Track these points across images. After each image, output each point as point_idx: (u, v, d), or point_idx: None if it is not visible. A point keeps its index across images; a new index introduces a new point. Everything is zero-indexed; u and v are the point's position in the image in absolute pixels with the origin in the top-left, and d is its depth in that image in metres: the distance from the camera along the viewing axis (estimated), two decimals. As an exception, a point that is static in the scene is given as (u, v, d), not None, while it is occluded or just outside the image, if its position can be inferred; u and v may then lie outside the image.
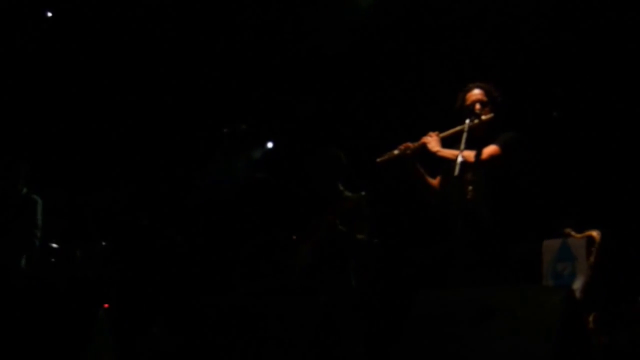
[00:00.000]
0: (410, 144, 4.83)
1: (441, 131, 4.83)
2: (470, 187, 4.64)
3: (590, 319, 5.03)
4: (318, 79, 7.03)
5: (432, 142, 4.78)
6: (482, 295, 3.76)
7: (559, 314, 3.51)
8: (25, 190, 6.12)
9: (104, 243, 6.61)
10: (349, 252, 5.31)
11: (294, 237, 5.43)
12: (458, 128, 4.72)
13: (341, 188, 5.51)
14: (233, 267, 6.32)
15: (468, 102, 4.83)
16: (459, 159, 4.35)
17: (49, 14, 6.75)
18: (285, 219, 5.59)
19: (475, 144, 4.64)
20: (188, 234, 6.66)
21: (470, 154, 4.56)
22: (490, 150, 4.63)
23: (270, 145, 7.19)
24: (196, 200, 6.89)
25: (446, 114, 4.97)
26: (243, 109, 6.90)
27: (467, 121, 4.64)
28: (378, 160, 4.88)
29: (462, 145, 4.46)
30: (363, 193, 5.40)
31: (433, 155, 4.74)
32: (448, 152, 4.68)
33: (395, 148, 4.86)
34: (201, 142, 6.89)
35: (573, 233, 5.27)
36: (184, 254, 6.63)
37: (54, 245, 6.52)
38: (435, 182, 4.97)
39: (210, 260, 6.50)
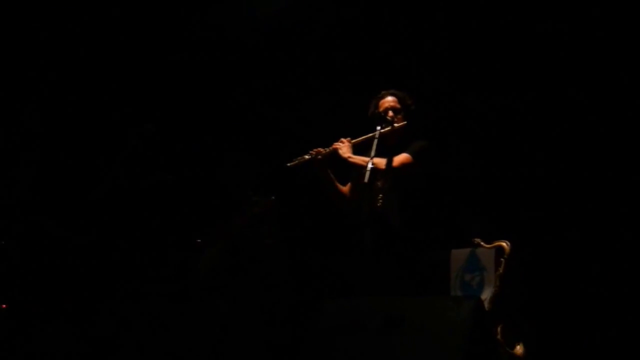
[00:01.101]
0: (321, 149, 4.87)
1: (353, 137, 4.87)
2: (380, 195, 4.72)
3: (499, 330, 5.10)
4: (228, 77, 6.96)
5: (344, 148, 4.81)
6: (389, 305, 3.80)
7: (467, 324, 3.58)
8: None
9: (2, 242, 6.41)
10: (256, 258, 5.29)
11: (199, 241, 5.36)
12: (370, 135, 4.78)
13: (250, 192, 5.48)
14: (134, 270, 6.24)
15: (381, 109, 4.90)
16: (369, 166, 4.38)
17: None
18: (190, 222, 5.53)
19: (387, 151, 4.72)
20: (87, 233, 6.51)
21: (381, 161, 4.63)
22: (401, 158, 4.71)
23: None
24: (98, 197, 6.75)
25: (359, 121, 5.01)
26: (147, 107, 6.77)
27: (379, 128, 4.67)
28: (289, 164, 4.91)
29: (373, 152, 4.52)
30: (272, 197, 5.40)
31: (344, 161, 4.78)
32: (359, 159, 4.72)
33: (306, 153, 4.89)
34: (107, 139, 6.74)
35: (482, 243, 5.33)
36: (84, 254, 6.48)
37: None
38: (345, 188, 5.01)
39: (110, 261, 6.38)
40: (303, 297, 6.13)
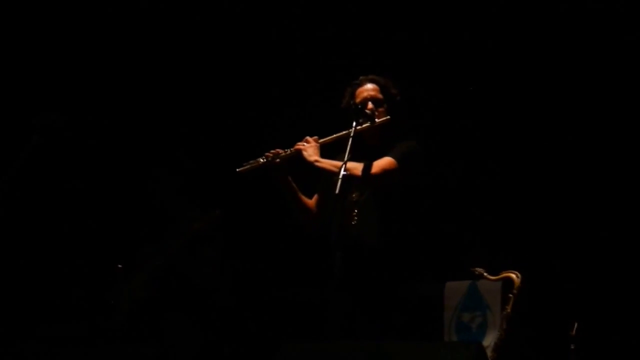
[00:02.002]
0: (280, 151, 4.85)
1: (321, 136, 4.85)
2: (355, 210, 4.69)
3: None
4: (162, 60, 6.97)
5: (309, 149, 4.80)
6: (364, 352, 3.78)
7: None
8: None
9: None
10: (195, 289, 5.28)
11: (120, 267, 5.34)
12: (343, 133, 4.76)
13: (188, 204, 5.48)
14: (35, 305, 6.22)
15: (358, 100, 4.90)
16: (342, 172, 4.36)
17: None
18: (109, 242, 5.51)
19: (365, 154, 4.71)
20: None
21: (357, 167, 4.63)
22: (384, 163, 4.70)
23: None
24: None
25: (329, 115, 5.02)
26: (57, 93, 6.76)
27: (355, 124, 4.66)
28: (238, 170, 4.87)
29: (347, 155, 4.49)
30: (217, 212, 5.37)
31: (310, 165, 4.76)
32: (329, 164, 4.71)
33: (261, 155, 4.86)
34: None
35: (485, 274, 5.32)
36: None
37: None
38: (311, 201, 5.00)
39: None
40: (255, 339, 6.13)
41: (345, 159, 4.47)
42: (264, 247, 6.58)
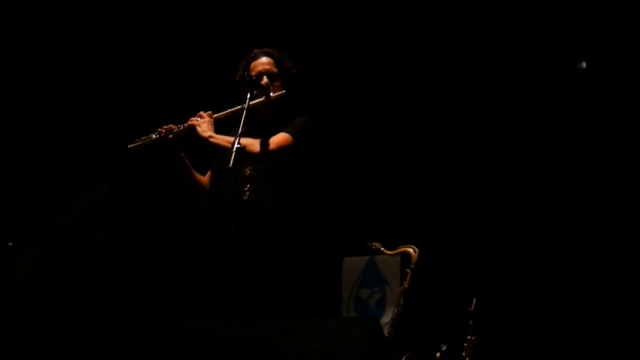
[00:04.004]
0: (173, 126, 4.80)
1: (216, 111, 4.82)
2: (247, 185, 4.68)
3: (402, 362, 5.13)
4: (47, 30, 6.86)
5: (203, 124, 4.75)
6: (257, 328, 3.80)
7: (360, 355, 3.57)
8: None
9: None
10: (84, 266, 5.23)
11: (10, 244, 5.26)
12: (238, 107, 4.74)
13: (77, 180, 5.42)
14: None
15: (253, 73, 4.86)
16: (236, 146, 4.34)
17: None
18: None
19: (260, 129, 4.70)
20: None
21: (253, 143, 4.61)
22: (279, 139, 4.69)
23: None
24: None
25: (223, 89, 5.00)
26: None
27: (249, 96, 4.65)
28: (130, 146, 4.82)
29: (241, 128, 4.47)
30: (106, 186, 5.31)
31: (203, 141, 4.71)
32: (223, 139, 4.68)
33: (153, 131, 4.81)
34: None
35: (382, 249, 5.33)
36: None
37: None
38: (204, 178, 4.97)
39: None
40: (144, 317, 6.06)
41: (239, 132, 4.44)
42: (155, 223, 6.53)
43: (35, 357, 4.03)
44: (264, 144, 4.63)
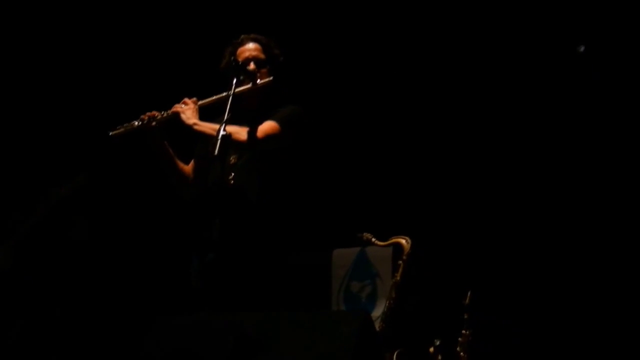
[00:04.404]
0: (156, 113, 4.72)
1: (201, 98, 4.74)
2: (232, 174, 4.64)
3: (394, 358, 5.06)
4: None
5: (188, 112, 4.68)
6: (242, 324, 3.73)
7: (350, 350, 3.53)
8: None
9: None
10: (60, 259, 5.16)
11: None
12: (224, 94, 4.67)
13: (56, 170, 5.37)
14: None
15: (240, 59, 4.79)
16: (222, 133, 4.27)
17: None
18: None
19: (246, 117, 4.63)
20: None
21: (240, 131, 4.54)
22: (267, 127, 4.62)
23: None
24: None
25: (208, 75, 4.92)
26: None
27: (235, 82, 4.59)
28: (111, 133, 4.75)
29: (227, 115, 4.41)
30: (84, 175, 5.24)
31: (188, 129, 4.64)
32: (208, 127, 4.60)
33: (136, 118, 4.74)
34: None
35: (373, 239, 5.30)
36: None
37: None
38: (188, 167, 4.91)
39: None
40: (125, 312, 6.03)
41: (225, 119, 4.37)
42: (137, 215, 6.51)
43: (10, 354, 3.96)
44: (252, 132, 4.56)
